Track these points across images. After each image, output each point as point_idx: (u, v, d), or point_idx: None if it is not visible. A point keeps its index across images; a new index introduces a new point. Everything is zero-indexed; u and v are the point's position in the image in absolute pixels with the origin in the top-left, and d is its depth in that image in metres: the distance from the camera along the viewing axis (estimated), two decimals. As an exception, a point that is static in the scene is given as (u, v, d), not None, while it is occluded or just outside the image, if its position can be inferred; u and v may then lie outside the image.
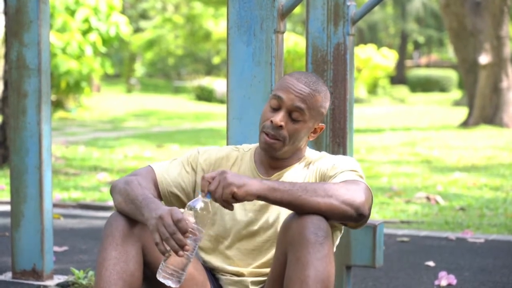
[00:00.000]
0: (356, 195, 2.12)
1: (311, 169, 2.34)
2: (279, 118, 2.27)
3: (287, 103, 2.28)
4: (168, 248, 2.05)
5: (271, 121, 2.28)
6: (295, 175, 2.35)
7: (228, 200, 2.08)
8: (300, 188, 2.10)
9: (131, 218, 2.21)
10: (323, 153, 2.41)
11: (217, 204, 2.34)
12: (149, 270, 2.23)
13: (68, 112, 18.32)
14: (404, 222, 5.52)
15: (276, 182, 2.12)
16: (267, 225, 2.32)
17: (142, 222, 2.15)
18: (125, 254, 2.17)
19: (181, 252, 2.03)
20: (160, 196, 2.37)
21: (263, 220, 2.32)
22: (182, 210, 2.13)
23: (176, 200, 2.39)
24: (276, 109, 2.30)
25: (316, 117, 2.33)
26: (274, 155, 2.33)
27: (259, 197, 2.10)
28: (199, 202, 2.12)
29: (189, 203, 2.13)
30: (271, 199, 2.10)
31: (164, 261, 2.09)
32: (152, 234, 2.08)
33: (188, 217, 2.09)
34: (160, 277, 2.09)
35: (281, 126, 2.28)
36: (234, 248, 2.36)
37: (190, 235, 2.07)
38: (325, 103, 2.35)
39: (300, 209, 2.11)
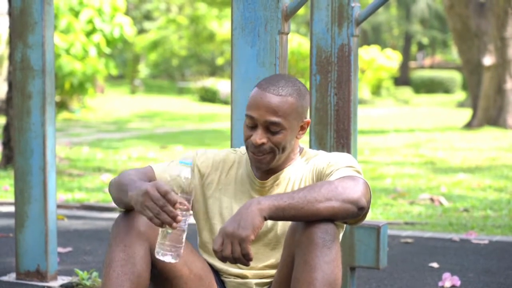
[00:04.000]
0: (354, 190, 2.11)
1: (307, 167, 2.33)
2: (258, 137, 2.24)
3: (260, 120, 2.23)
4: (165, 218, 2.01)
5: (252, 142, 2.25)
6: (292, 174, 2.34)
7: (249, 254, 2.03)
8: (300, 199, 2.07)
9: (127, 208, 2.20)
10: (320, 151, 2.40)
11: (216, 207, 2.35)
12: (157, 269, 2.23)
13: (72, 113, 18.34)
14: (408, 224, 5.51)
15: (276, 198, 2.08)
16: (266, 228, 2.32)
17: (129, 204, 2.11)
18: (133, 255, 2.17)
19: (174, 224, 2.01)
20: None
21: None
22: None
23: None
24: (253, 127, 2.26)
25: (296, 117, 2.27)
26: (271, 167, 2.30)
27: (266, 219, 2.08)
28: (182, 171, 2.07)
29: (171, 173, 2.07)
30: (275, 219, 2.09)
31: (160, 239, 2.06)
32: (141, 211, 2.04)
33: (173, 188, 2.05)
34: (159, 255, 2.06)
35: (262, 143, 2.25)
36: None
37: (180, 206, 2.03)
38: (301, 101, 2.28)
39: (305, 220, 2.10)
